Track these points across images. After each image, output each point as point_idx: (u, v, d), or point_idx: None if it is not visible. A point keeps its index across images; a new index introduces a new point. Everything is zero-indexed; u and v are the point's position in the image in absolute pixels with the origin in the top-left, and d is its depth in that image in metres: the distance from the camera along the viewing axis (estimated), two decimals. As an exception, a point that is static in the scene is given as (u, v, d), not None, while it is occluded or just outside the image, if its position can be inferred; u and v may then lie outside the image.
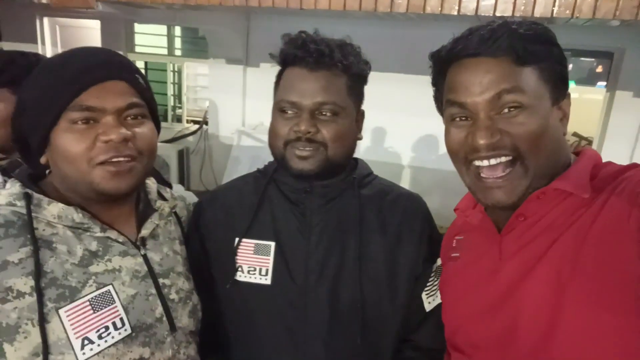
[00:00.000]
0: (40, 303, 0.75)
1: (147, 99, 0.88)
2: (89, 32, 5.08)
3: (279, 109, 0.99)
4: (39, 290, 0.75)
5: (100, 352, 0.79)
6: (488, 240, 0.88)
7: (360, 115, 1.05)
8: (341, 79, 0.97)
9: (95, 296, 0.81)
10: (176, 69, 5.90)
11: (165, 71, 5.73)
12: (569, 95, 0.81)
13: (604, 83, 4.00)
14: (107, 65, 0.83)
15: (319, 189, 1.03)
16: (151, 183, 1.03)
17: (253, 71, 4.67)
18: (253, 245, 1.03)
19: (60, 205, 0.82)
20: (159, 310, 0.89)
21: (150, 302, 0.88)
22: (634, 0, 2.32)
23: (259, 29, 4.20)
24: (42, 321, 0.75)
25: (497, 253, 0.84)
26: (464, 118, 0.81)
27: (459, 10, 2.68)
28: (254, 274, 1.02)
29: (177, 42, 6.15)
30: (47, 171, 0.89)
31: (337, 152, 0.98)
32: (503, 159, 0.77)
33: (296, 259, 1.01)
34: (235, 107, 4.87)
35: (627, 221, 0.68)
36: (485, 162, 0.78)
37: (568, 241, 0.74)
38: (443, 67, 0.84)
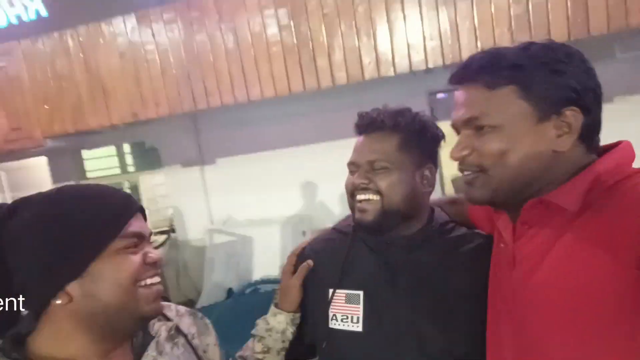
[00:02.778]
0: None
1: None
2: (35, 170, 5.00)
3: (349, 170, 1.18)
4: None
5: None
6: (506, 246, 0.93)
7: (426, 169, 1.16)
8: (392, 138, 1.12)
9: None
10: (131, 185, 5.85)
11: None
12: (573, 109, 0.81)
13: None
14: (135, 199, 0.90)
15: (399, 241, 1.14)
16: None
17: (210, 168, 4.71)
18: (344, 295, 1.14)
19: None
20: None
21: None
22: (543, 27, 2.61)
23: (208, 126, 4.30)
24: None
25: (512, 260, 0.90)
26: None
27: (394, 70, 2.88)
28: (347, 321, 1.13)
29: (128, 158, 6.15)
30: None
31: (392, 200, 1.10)
32: (471, 173, 0.88)
33: (384, 307, 1.10)
34: (200, 208, 4.84)
35: (611, 239, 0.71)
36: (464, 173, 0.90)
37: (559, 253, 0.79)
38: None
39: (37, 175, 4.99)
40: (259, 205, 4.11)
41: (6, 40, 3.32)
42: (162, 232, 5.43)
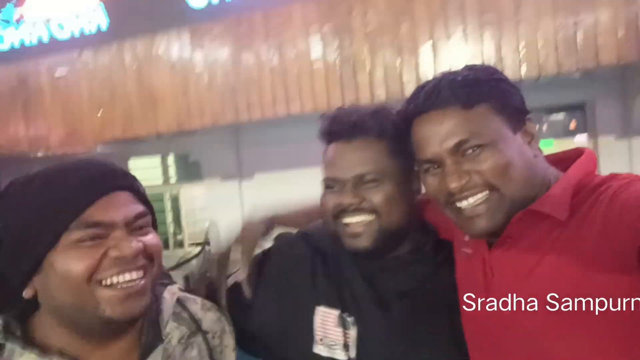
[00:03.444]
0: None
1: (149, 207, 0.81)
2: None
3: (325, 186, 0.99)
4: None
5: None
6: (480, 256, 0.89)
7: (414, 174, 0.98)
8: (379, 144, 0.95)
9: None
10: (172, 196, 6.04)
11: (162, 201, 5.85)
12: (529, 119, 0.85)
13: (583, 135, 4.18)
14: (112, 174, 0.76)
15: (391, 262, 0.99)
16: (168, 296, 0.85)
17: (248, 183, 4.80)
18: (335, 316, 0.98)
19: (33, 356, 0.69)
20: None
21: None
22: (591, 51, 2.55)
23: (249, 142, 4.41)
24: None
25: (489, 270, 0.86)
26: (435, 167, 0.85)
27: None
28: (336, 348, 0.96)
29: (171, 170, 6.37)
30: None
31: (391, 217, 0.94)
32: (479, 195, 0.80)
33: (377, 336, 0.96)
34: (235, 222, 4.90)
35: (604, 243, 0.70)
36: (465, 203, 0.81)
37: (551, 263, 0.77)
38: (406, 126, 0.89)
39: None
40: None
41: (68, 51, 3.56)
42: (197, 244, 5.54)
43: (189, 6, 3.32)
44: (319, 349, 0.97)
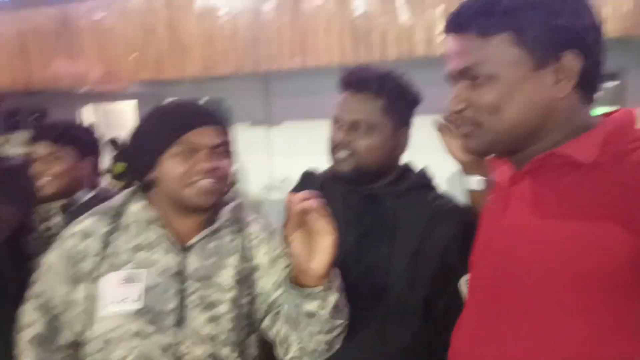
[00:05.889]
0: (97, 265, 1.10)
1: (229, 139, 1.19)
2: (126, 115, 5.60)
3: (333, 121, 1.26)
4: (99, 257, 1.10)
5: (115, 313, 1.07)
6: (500, 192, 0.93)
7: (402, 132, 1.24)
8: (376, 100, 1.19)
9: (130, 273, 1.09)
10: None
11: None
12: (573, 51, 0.76)
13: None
14: (205, 113, 1.14)
15: (363, 190, 1.24)
16: (229, 209, 1.22)
17: (276, 130, 4.96)
18: None
19: (142, 204, 1.16)
20: (172, 304, 1.10)
21: (166, 295, 1.10)
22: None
23: (278, 90, 4.52)
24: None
25: (505, 203, 0.88)
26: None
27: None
28: None
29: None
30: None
31: (367, 160, 1.20)
32: (467, 128, 0.85)
33: (340, 253, 1.13)
34: (261, 166, 5.12)
35: (621, 200, 0.70)
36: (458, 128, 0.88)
37: (563, 202, 0.77)
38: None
39: (127, 119, 5.58)
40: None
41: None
42: (226, 184, 5.85)
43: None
44: None
